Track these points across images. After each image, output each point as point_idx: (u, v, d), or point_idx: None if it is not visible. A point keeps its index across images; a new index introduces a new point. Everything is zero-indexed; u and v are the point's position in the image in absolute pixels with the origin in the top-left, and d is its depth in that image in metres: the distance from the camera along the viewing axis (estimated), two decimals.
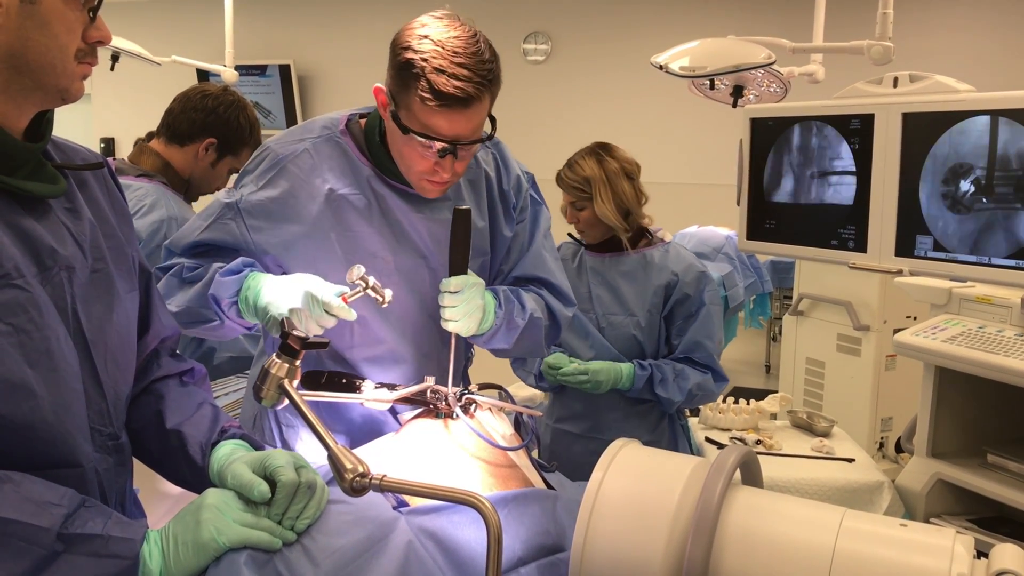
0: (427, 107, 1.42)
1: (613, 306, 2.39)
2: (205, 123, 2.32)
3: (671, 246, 2.43)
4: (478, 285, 1.52)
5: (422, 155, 1.50)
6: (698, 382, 2.32)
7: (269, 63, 8.46)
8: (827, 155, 2.16)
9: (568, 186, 2.38)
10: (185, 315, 1.56)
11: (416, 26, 1.46)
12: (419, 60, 1.41)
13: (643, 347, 2.37)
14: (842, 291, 4.15)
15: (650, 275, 2.38)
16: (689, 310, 2.35)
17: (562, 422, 2.44)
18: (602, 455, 1.33)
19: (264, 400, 1.22)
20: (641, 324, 2.36)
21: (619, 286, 2.38)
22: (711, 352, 2.34)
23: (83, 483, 1.10)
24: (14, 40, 1.02)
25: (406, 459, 1.39)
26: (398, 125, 1.47)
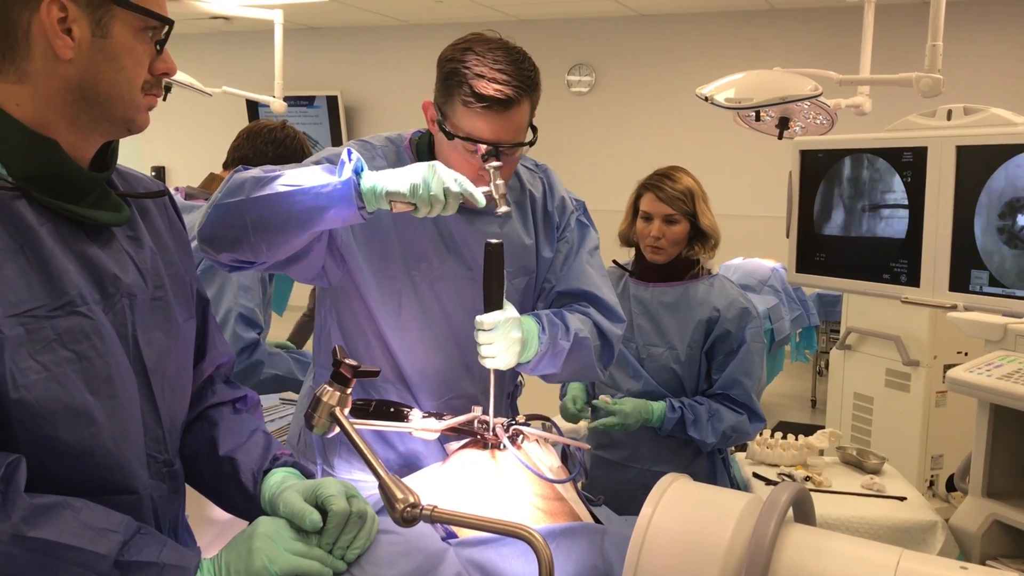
0: (470, 110, 1.51)
1: (653, 337, 2.36)
2: (275, 154, 2.49)
3: (716, 279, 2.40)
4: (513, 320, 1.51)
5: (467, 160, 1.56)
6: (733, 424, 2.28)
7: (317, 94, 8.60)
8: (878, 188, 2.14)
9: (672, 196, 2.33)
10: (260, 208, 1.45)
11: (459, 42, 1.57)
12: (461, 67, 1.52)
13: (682, 381, 2.34)
14: (891, 325, 4.09)
15: (692, 309, 2.35)
16: (730, 346, 2.32)
17: (601, 449, 2.42)
18: (652, 490, 1.31)
19: (315, 428, 1.22)
20: (680, 358, 2.33)
21: (661, 317, 2.36)
22: (749, 391, 2.30)
23: (139, 510, 1.11)
24: (85, 73, 1.05)
25: (453, 489, 1.38)
26: (444, 133, 1.55)
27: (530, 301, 1.77)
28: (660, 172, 2.40)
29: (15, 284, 1.00)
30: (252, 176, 1.47)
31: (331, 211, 1.41)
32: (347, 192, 1.40)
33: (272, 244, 1.46)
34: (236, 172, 1.51)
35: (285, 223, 1.43)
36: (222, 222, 1.46)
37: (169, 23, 1.10)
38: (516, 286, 1.71)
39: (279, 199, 1.42)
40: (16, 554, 0.95)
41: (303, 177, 1.44)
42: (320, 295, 1.74)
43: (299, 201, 1.42)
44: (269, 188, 1.43)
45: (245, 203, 1.44)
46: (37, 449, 1.01)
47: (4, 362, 0.98)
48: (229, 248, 1.48)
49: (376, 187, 1.41)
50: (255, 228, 1.44)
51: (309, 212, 1.42)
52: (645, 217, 2.37)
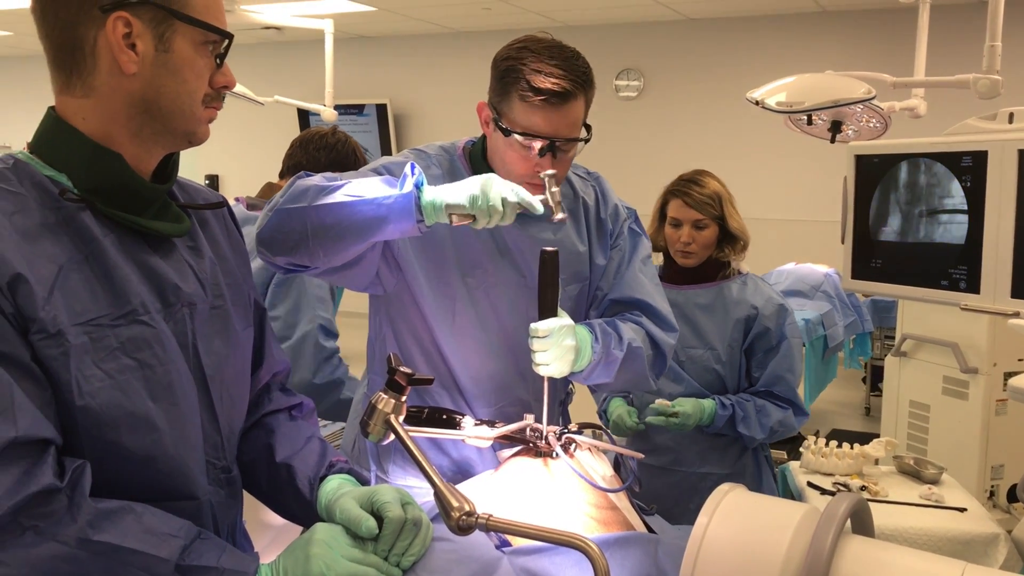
0: (527, 105, 1.55)
1: (692, 340, 2.36)
2: (328, 159, 2.54)
3: (748, 278, 2.40)
4: (567, 328, 1.51)
5: (523, 157, 1.59)
6: (780, 419, 2.30)
7: (367, 102, 8.68)
8: (936, 193, 2.09)
9: (699, 202, 2.33)
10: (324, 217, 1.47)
11: (514, 43, 1.61)
12: (519, 64, 1.56)
13: (724, 381, 2.34)
14: (948, 332, 4.01)
15: (729, 308, 2.35)
16: (769, 343, 2.32)
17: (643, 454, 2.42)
18: (707, 500, 1.30)
19: (370, 435, 1.23)
20: (721, 358, 2.33)
21: (697, 319, 2.36)
22: (792, 386, 2.31)
23: (198, 515, 1.13)
24: (148, 87, 1.08)
25: (506, 498, 1.38)
26: (500, 131, 1.58)
27: (583, 308, 1.77)
28: (686, 177, 2.40)
29: (80, 294, 1.03)
30: (315, 184, 1.49)
31: (391, 223, 1.43)
32: (408, 205, 1.41)
33: (329, 251, 1.48)
34: (299, 178, 1.54)
35: (344, 232, 1.45)
36: (282, 226, 1.49)
37: (229, 37, 1.12)
38: (569, 293, 1.71)
39: (340, 208, 1.44)
40: (82, 557, 0.97)
41: (365, 188, 1.46)
42: (374, 303, 1.75)
43: (360, 211, 1.44)
44: (331, 196, 1.46)
45: (307, 210, 1.46)
46: (101, 455, 1.04)
47: (70, 370, 1.01)
48: (287, 252, 1.50)
49: (436, 200, 1.42)
50: (315, 234, 1.46)
51: (369, 223, 1.44)
52: (674, 223, 2.38)
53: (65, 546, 0.96)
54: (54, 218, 1.05)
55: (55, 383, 1.01)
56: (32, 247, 1.01)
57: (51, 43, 1.08)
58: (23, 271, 0.99)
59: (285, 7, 7.08)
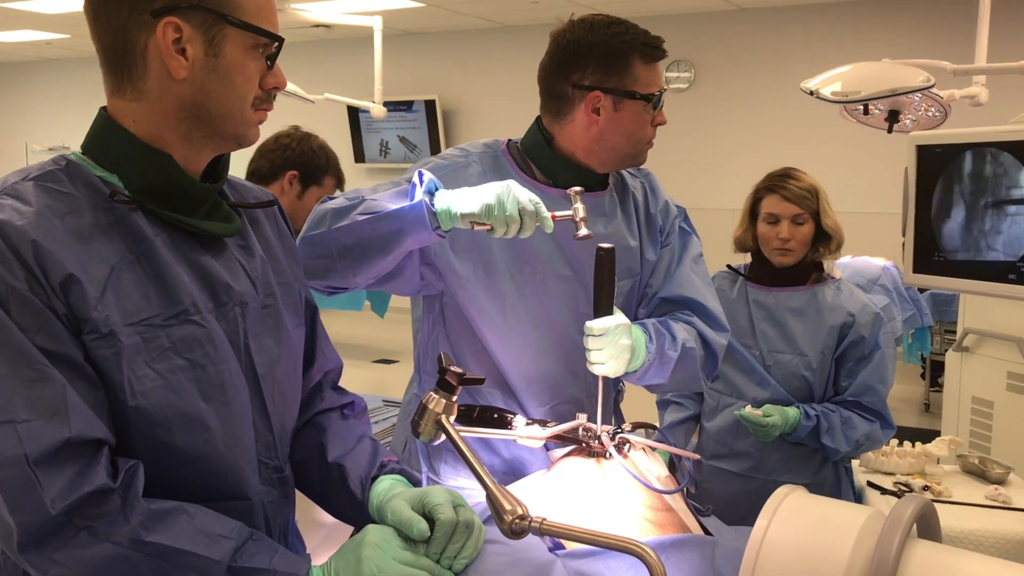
0: (648, 66, 1.62)
1: (780, 344, 2.28)
2: (283, 159, 2.52)
3: (842, 283, 2.32)
4: (623, 327, 1.49)
5: (645, 120, 1.65)
6: (866, 432, 2.21)
7: (415, 99, 8.70)
8: (1003, 184, 2.02)
9: (798, 195, 2.27)
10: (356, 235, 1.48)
11: (582, 24, 1.65)
12: (622, 32, 1.61)
13: (812, 388, 2.26)
14: (1012, 326, 3.91)
15: (823, 314, 2.27)
16: (863, 352, 2.24)
17: (719, 459, 2.34)
18: (767, 502, 1.27)
19: (421, 436, 1.22)
20: (812, 365, 2.25)
21: (788, 323, 2.28)
22: (882, 397, 2.22)
23: (250, 515, 1.12)
24: (198, 92, 1.08)
25: (559, 499, 1.36)
26: (633, 98, 1.61)
27: (633, 305, 1.74)
28: (779, 173, 2.33)
29: (132, 294, 1.03)
30: (332, 208, 1.51)
31: (408, 235, 1.44)
32: (420, 215, 1.41)
33: (359, 271, 1.51)
34: (321, 203, 1.56)
35: (367, 250, 1.47)
36: (310, 254, 1.50)
37: (280, 40, 1.11)
38: (620, 288, 1.68)
39: (358, 228, 1.46)
40: (135, 558, 0.97)
41: (380, 204, 1.47)
42: (426, 302, 1.74)
43: (377, 227, 1.45)
44: (348, 218, 1.48)
45: (328, 235, 1.49)
46: (154, 455, 1.04)
47: (122, 370, 1.01)
48: (321, 277, 1.53)
49: (451, 209, 1.41)
50: (340, 257, 1.49)
51: (387, 238, 1.45)
52: (770, 220, 2.30)
53: (118, 547, 0.97)
54: (106, 219, 1.05)
55: (108, 383, 1.01)
56: (84, 248, 1.01)
57: (103, 46, 1.08)
58: (76, 271, 0.99)
59: (334, 4, 7.13)
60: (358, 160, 9.16)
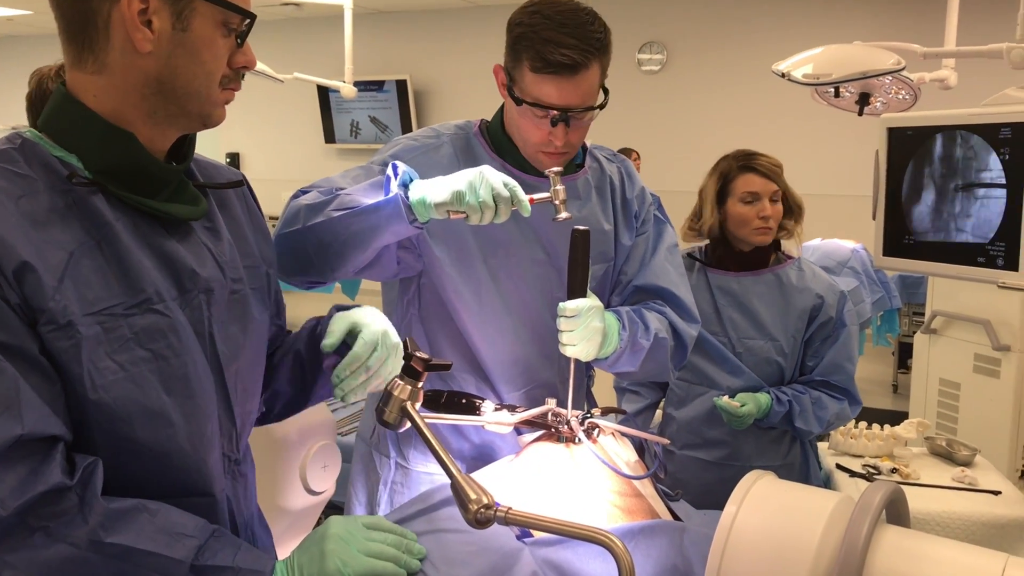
0: (537, 76, 1.49)
1: (750, 330, 2.26)
2: None
3: (803, 263, 2.31)
4: (596, 309, 1.48)
5: (536, 126, 1.54)
6: (836, 412, 2.20)
7: (386, 78, 8.62)
8: (973, 166, 2.02)
9: (772, 171, 2.24)
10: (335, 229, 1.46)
11: (528, 4, 1.54)
12: (529, 32, 1.49)
13: (783, 372, 2.25)
14: (980, 308, 3.93)
15: (791, 297, 2.25)
16: (828, 332, 2.24)
17: (692, 449, 2.32)
18: (735, 488, 1.26)
19: (386, 423, 1.19)
20: (784, 350, 2.23)
21: (756, 309, 2.25)
22: (850, 375, 2.22)
23: (214, 511, 1.09)
24: (163, 67, 1.03)
25: (527, 485, 1.34)
26: (513, 99, 1.53)
27: (606, 290, 1.72)
28: (744, 152, 2.30)
29: (92, 281, 0.99)
30: (306, 204, 1.47)
31: (385, 229, 1.41)
32: (396, 210, 1.38)
33: (336, 266, 1.48)
34: (293, 199, 1.52)
35: (344, 247, 1.44)
36: (286, 251, 1.47)
37: (251, 16, 1.07)
38: (594, 273, 1.67)
39: (334, 225, 1.43)
40: (93, 560, 0.94)
41: (355, 198, 1.43)
42: (402, 284, 1.72)
43: (353, 224, 1.42)
44: (323, 215, 1.44)
45: (303, 232, 1.45)
46: (114, 451, 1.00)
47: (82, 362, 0.97)
48: (299, 273, 1.50)
49: (425, 199, 1.39)
50: (317, 254, 1.46)
51: (365, 233, 1.42)
52: (748, 199, 2.24)
53: (76, 548, 0.93)
54: (63, 202, 1.00)
55: (66, 376, 0.97)
56: (40, 233, 0.97)
57: (63, 14, 1.03)
58: (30, 259, 0.94)
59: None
60: (328, 140, 9.06)
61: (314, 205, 1.45)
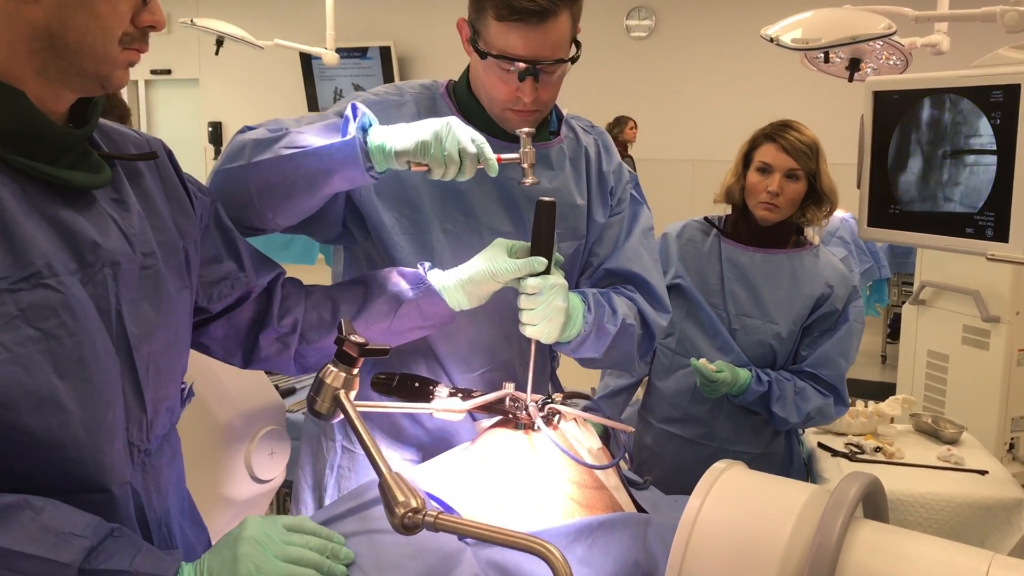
0: (502, 25, 1.38)
1: (750, 307, 2.15)
2: None
3: (821, 250, 2.19)
4: (559, 287, 1.37)
5: (503, 80, 1.44)
6: (818, 406, 2.09)
7: (370, 45, 8.48)
8: (962, 132, 1.92)
9: (796, 148, 2.11)
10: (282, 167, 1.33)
11: None
12: None
13: (776, 358, 2.15)
14: (969, 279, 3.88)
15: (800, 282, 2.14)
16: (830, 324, 2.13)
17: (671, 423, 2.23)
18: (701, 479, 1.18)
19: (315, 412, 1.10)
20: (782, 334, 2.12)
21: (760, 287, 2.14)
22: (841, 372, 2.10)
23: (114, 508, 0.99)
24: (52, 18, 0.92)
25: (481, 475, 1.25)
26: (477, 52, 1.43)
27: (576, 270, 1.62)
28: (782, 122, 2.17)
29: None
30: (253, 139, 1.35)
31: (337, 174, 1.29)
32: (352, 153, 1.26)
33: (279, 211, 1.35)
34: (239, 134, 1.39)
35: (290, 188, 1.31)
36: (225, 189, 1.34)
37: None
38: (563, 250, 1.56)
39: (282, 163, 1.30)
40: None
41: (307, 137, 1.32)
42: (348, 255, 1.61)
43: (303, 164, 1.29)
44: (270, 152, 1.31)
45: (247, 168, 1.32)
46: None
47: None
48: (235, 215, 1.36)
49: (385, 146, 1.27)
50: (259, 195, 1.33)
51: (314, 176, 1.30)
52: (762, 169, 2.13)
53: None
54: None
55: None
56: None
57: None
58: None
59: None
60: (312, 109, 8.94)
61: (262, 140, 1.34)
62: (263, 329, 1.32)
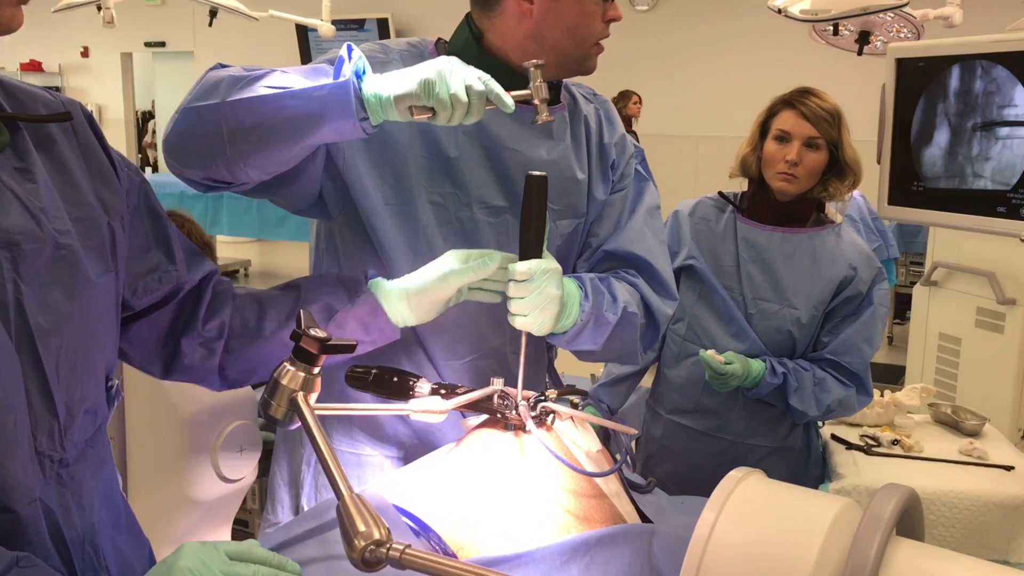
0: None
1: (767, 291, 2.00)
2: None
3: (843, 229, 2.03)
4: (553, 272, 1.23)
5: (593, 12, 1.38)
6: (839, 398, 1.94)
7: (367, 16, 8.33)
8: (995, 102, 1.78)
9: (817, 115, 1.96)
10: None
11: None
12: None
13: (795, 345, 2.00)
14: (984, 259, 3.76)
15: (821, 264, 1.98)
16: (854, 307, 1.98)
17: (681, 415, 2.09)
18: (715, 490, 1.05)
19: (271, 417, 0.96)
20: (802, 320, 1.97)
21: (779, 270, 2.00)
22: (865, 360, 1.96)
23: (21, 531, 0.84)
24: None
25: (464, 485, 1.11)
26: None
27: (574, 252, 1.48)
28: (802, 88, 2.02)
29: None
30: (229, 75, 1.19)
31: (326, 121, 1.14)
32: (345, 97, 1.12)
33: (253, 160, 1.19)
34: (212, 70, 1.24)
35: (269, 134, 1.16)
36: (193, 131, 1.19)
37: None
38: (561, 229, 1.42)
39: (262, 104, 1.15)
40: None
41: (294, 78, 1.17)
42: (323, 229, 1.46)
43: (287, 107, 1.14)
44: (250, 90, 1.16)
45: (220, 107, 1.16)
46: None
47: None
48: (200, 164, 1.21)
49: (380, 93, 1.13)
50: (232, 139, 1.17)
51: (298, 121, 1.14)
52: (780, 137, 1.98)
53: None
54: None
55: None
56: None
57: None
58: None
59: None
60: None
61: (240, 78, 1.19)
62: (186, 333, 1.15)
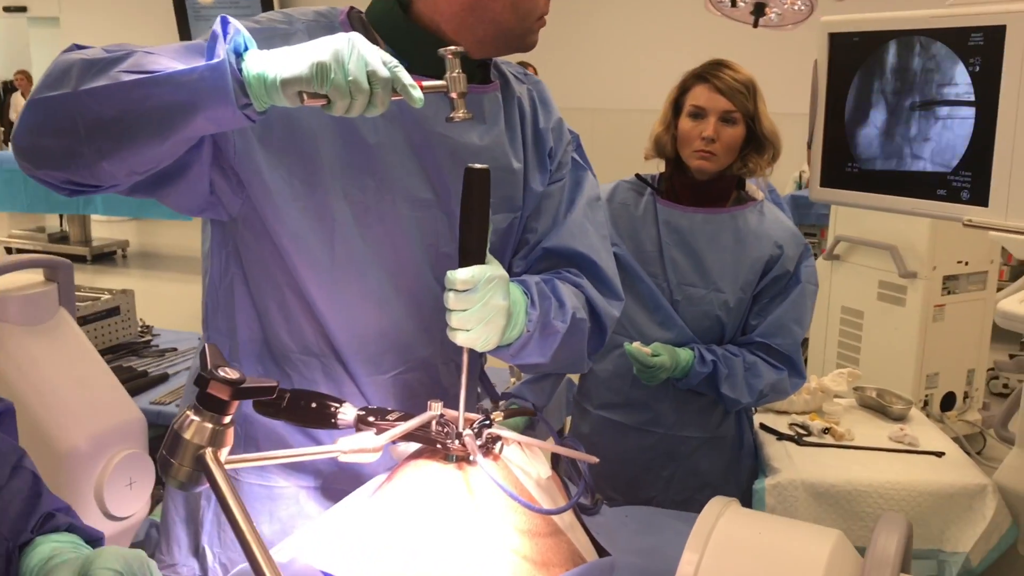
0: None
1: (692, 276, 1.90)
2: None
3: (765, 206, 1.94)
4: (498, 280, 1.07)
5: None
6: (772, 382, 1.86)
7: None
8: (934, 80, 1.70)
9: (732, 88, 1.87)
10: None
11: None
12: None
13: (724, 330, 1.91)
14: (885, 233, 3.82)
15: (746, 243, 1.89)
16: (781, 287, 1.89)
17: (610, 410, 1.98)
18: (695, 526, 0.93)
19: (173, 479, 0.78)
20: (729, 304, 1.88)
21: (703, 252, 1.90)
22: (796, 340, 1.88)
23: None
24: None
25: (399, 532, 0.96)
26: None
27: (509, 250, 1.32)
28: (714, 61, 1.92)
29: None
30: (83, 58, 0.99)
31: (200, 110, 0.95)
32: (221, 81, 0.92)
33: (116, 159, 0.99)
34: (65, 52, 1.03)
35: (132, 128, 0.96)
36: (43, 127, 0.99)
37: None
38: (496, 224, 1.25)
39: (122, 92, 0.95)
40: None
41: (160, 59, 0.98)
42: (217, 229, 1.26)
43: (151, 95, 0.95)
44: (107, 76, 0.96)
45: (73, 98, 0.96)
46: None
47: None
48: (56, 164, 1.00)
49: (266, 75, 0.94)
50: (89, 136, 0.97)
51: (166, 112, 0.95)
52: (695, 114, 1.88)
53: None
54: None
55: None
56: None
57: None
58: None
59: None
60: None
61: (95, 61, 0.99)
62: None
